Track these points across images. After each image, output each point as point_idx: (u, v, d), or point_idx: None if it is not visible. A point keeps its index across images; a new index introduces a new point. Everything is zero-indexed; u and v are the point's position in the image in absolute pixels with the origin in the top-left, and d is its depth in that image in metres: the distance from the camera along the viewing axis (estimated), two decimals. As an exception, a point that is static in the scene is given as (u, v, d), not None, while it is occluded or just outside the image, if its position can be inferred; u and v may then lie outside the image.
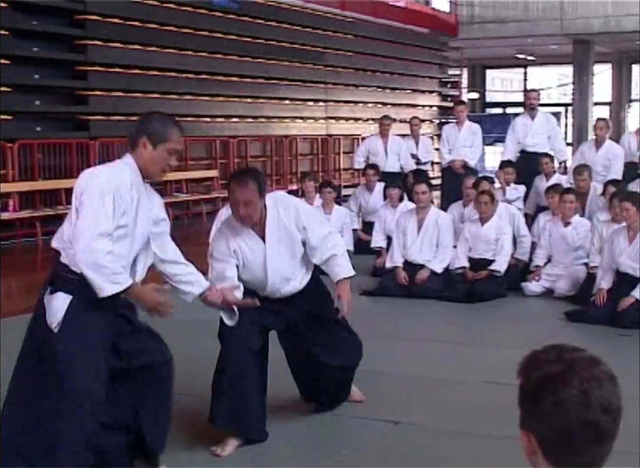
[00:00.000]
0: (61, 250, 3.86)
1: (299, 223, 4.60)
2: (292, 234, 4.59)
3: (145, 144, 3.89)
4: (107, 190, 3.71)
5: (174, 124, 3.97)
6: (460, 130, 12.33)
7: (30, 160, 13.25)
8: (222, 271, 4.50)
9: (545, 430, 1.68)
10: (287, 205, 4.63)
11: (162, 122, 3.95)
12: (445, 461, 4.34)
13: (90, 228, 3.66)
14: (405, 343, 6.86)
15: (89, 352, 3.78)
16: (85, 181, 3.78)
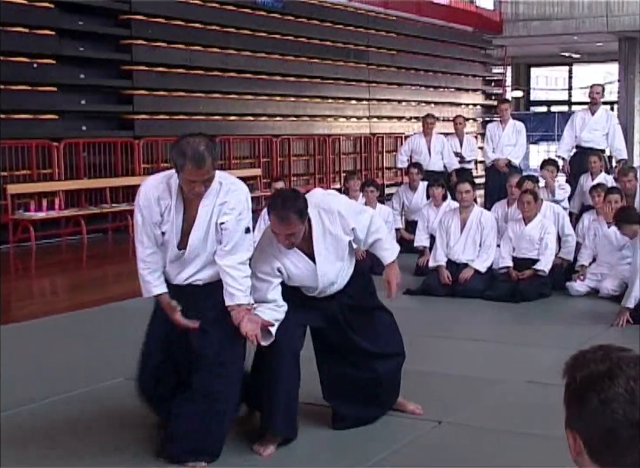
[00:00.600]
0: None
1: (347, 227, 4.52)
2: (340, 238, 4.51)
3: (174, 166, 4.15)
4: (138, 205, 4.28)
5: (188, 158, 4.01)
6: (504, 129, 12.26)
7: (76, 159, 13.40)
8: (265, 293, 4.38)
9: (591, 430, 1.67)
10: (331, 210, 4.49)
11: (178, 153, 4.06)
12: (489, 460, 4.32)
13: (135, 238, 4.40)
14: (449, 342, 6.84)
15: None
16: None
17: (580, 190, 10.63)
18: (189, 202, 4.22)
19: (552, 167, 10.44)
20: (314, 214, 4.43)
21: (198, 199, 4.17)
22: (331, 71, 19.17)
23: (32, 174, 12.69)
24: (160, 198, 4.21)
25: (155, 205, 4.21)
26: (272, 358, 4.45)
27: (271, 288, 4.41)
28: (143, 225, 4.29)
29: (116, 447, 4.50)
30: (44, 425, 4.87)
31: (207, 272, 4.31)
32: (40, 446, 4.54)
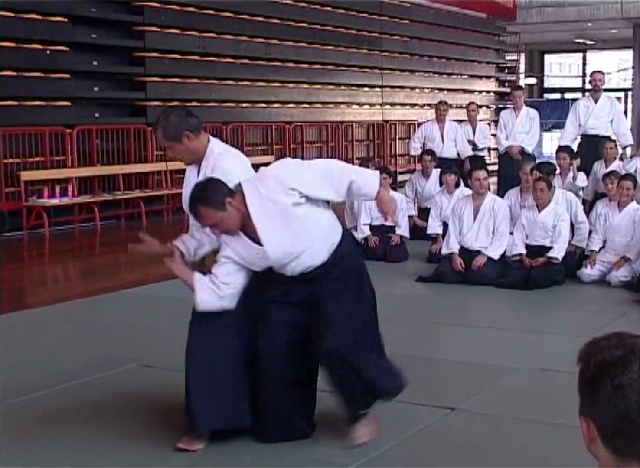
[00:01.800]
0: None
1: (284, 188, 4.18)
2: (279, 201, 4.18)
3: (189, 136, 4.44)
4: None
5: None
6: (517, 116, 12.20)
7: (89, 145, 13.42)
8: (221, 273, 4.31)
9: (605, 416, 1.66)
10: (265, 176, 4.28)
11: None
12: (502, 448, 4.32)
13: None
14: (461, 329, 6.83)
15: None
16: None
17: (594, 178, 10.58)
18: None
19: (566, 153, 10.40)
20: (247, 187, 4.24)
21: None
22: (344, 58, 19.12)
23: (45, 161, 12.71)
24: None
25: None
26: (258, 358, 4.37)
27: (227, 272, 4.31)
28: None
29: (130, 432, 4.52)
30: (57, 411, 4.88)
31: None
32: (53, 433, 4.56)
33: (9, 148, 12.20)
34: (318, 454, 4.28)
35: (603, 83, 11.86)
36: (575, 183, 10.13)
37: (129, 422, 4.66)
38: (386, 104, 20.82)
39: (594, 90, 11.74)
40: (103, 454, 4.27)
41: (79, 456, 4.26)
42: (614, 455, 1.66)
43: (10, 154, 12.23)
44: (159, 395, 5.03)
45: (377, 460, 4.17)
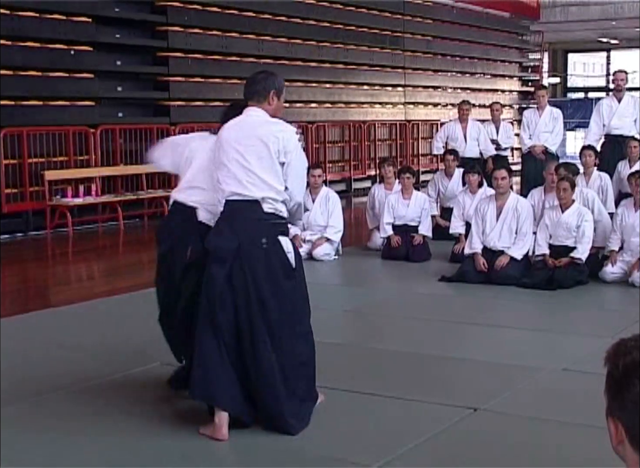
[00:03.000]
0: (264, 201, 4.41)
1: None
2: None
3: (273, 96, 4.60)
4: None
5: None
6: (540, 116, 12.16)
7: (113, 145, 13.48)
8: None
9: (633, 418, 1.65)
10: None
11: (281, 79, 4.72)
12: (525, 448, 4.31)
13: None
14: (484, 329, 6.81)
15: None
16: (292, 139, 4.50)
17: (618, 178, 10.52)
18: None
19: (591, 151, 10.33)
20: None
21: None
22: (367, 57, 19.11)
23: (69, 161, 12.78)
24: None
25: None
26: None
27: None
28: None
29: (153, 431, 4.53)
30: (81, 409, 4.90)
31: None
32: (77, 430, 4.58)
33: (33, 147, 12.27)
34: (339, 453, 4.28)
35: (626, 82, 11.79)
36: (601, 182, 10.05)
37: (153, 421, 4.68)
38: (409, 104, 20.79)
39: (617, 90, 11.68)
40: (128, 452, 4.29)
41: (103, 453, 4.28)
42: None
43: (35, 154, 12.30)
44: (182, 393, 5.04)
45: (399, 459, 4.17)
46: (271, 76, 4.70)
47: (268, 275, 4.38)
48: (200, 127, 14.85)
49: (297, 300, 4.53)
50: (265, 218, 4.40)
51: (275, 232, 4.43)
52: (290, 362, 4.46)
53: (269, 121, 4.54)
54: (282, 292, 4.42)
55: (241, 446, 4.38)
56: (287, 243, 4.48)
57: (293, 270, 4.48)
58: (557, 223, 8.50)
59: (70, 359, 5.94)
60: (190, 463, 4.22)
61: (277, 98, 4.61)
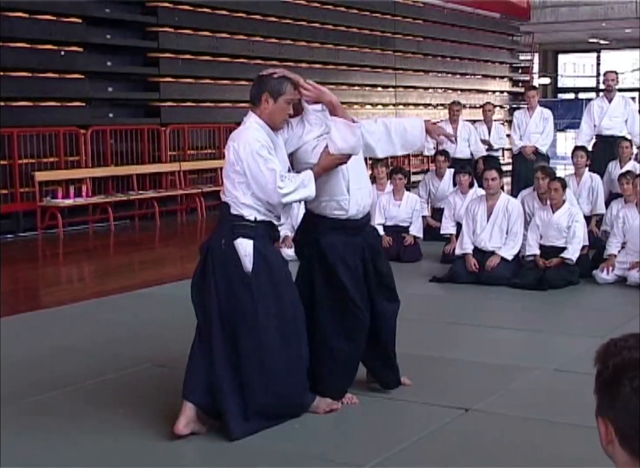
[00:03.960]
0: (232, 204, 4.47)
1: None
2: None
3: (267, 99, 4.54)
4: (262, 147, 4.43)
5: (286, 80, 4.61)
6: (531, 116, 12.18)
7: (103, 146, 13.46)
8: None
9: (623, 418, 1.65)
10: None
11: (277, 79, 4.61)
12: (516, 448, 4.31)
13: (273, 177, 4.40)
14: (475, 330, 6.82)
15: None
16: (243, 148, 4.42)
17: (609, 178, 10.55)
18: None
19: (583, 152, 10.35)
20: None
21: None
22: (357, 58, 19.12)
23: (60, 161, 12.75)
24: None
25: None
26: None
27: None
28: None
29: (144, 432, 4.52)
30: (72, 411, 4.90)
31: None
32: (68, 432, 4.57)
33: (24, 148, 12.25)
34: (330, 453, 4.28)
35: (616, 83, 11.82)
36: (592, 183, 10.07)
37: (143, 422, 4.67)
38: (399, 104, 20.80)
39: (607, 91, 11.71)
40: (117, 454, 4.29)
41: (92, 455, 4.27)
42: (632, 456, 1.66)
43: (25, 155, 12.28)
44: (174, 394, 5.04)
45: (391, 460, 4.17)
46: (265, 78, 4.63)
47: (223, 277, 4.43)
48: (191, 128, 14.88)
49: (250, 304, 4.44)
50: (230, 219, 4.46)
51: (236, 234, 4.42)
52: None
53: (240, 130, 4.58)
54: (235, 295, 4.43)
55: (232, 447, 4.38)
56: (245, 247, 4.41)
57: (246, 275, 4.42)
58: (548, 223, 8.51)
59: (61, 361, 5.93)
60: (182, 463, 4.21)
61: (273, 100, 4.54)
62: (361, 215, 4.82)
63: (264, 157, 4.39)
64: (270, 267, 4.47)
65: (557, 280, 8.22)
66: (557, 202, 8.49)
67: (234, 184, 4.45)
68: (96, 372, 5.57)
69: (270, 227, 4.55)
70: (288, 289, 4.56)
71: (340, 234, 4.73)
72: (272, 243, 4.60)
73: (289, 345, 4.51)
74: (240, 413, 4.44)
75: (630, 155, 10.71)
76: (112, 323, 7.03)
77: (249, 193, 4.43)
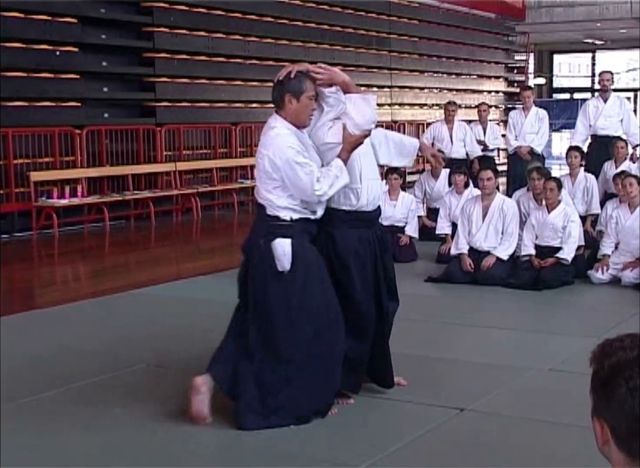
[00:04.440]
0: (267, 206, 4.62)
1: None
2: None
3: (290, 100, 4.61)
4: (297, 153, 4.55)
5: (304, 76, 4.66)
6: (526, 116, 12.18)
7: (98, 146, 13.44)
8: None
9: (619, 418, 1.65)
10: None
11: (296, 78, 4.64)
12: (511, 448, 4.31)
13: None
14: (471, 330, 6.82)
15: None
16: (279, 157, 4.53)
17: (604, 178, 10.56)
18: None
19: (577, 152, 10.36)
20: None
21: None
22: (353, 58, 19.11)
23: (55, 161, 12.73)
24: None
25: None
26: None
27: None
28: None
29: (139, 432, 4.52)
30: (67, 411, 4.89)
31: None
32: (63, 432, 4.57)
33: (19, 148, 12.23)
34: (326, 454, 4.28)
35: (612, 83, 11.83)
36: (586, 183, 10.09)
37: (138, 422, 4.67)
38: (395, 104, 20.80)
39: (602, 90, 11.72)
40: (112, 454, 4.28)
41: (87, 456, 4.27)
42: (628, 456, 1.66)
43: (20, 155, 12.26)
44: (169, 395, 5.04)
45: (386, 460, 4.17)
46: (284, 80, 4.67)
47: (260, 274, 4.60)
48: (187, 128, 14.87)
49: (283, 300, 4.57)
50: (267, 220, 4.62)
51: (274, 234, 4.57)
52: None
53: (270, 136, 4.66)
54: (269, 290, 4.58)
55: (225, 446, 4.38)
56: (283, 246, 4.55)
57: (281, 273, 4.55)
58: (543, 223, 8.52)
59: (56, 361, 5.92)
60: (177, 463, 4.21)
61: (296, 99, 4.62)
62: (372, 207, 4.89)
63: (300, 163, 4.51)
64: (306, 264, 4.60)
65: (552, 280, 8.22)
66: (553, 202, 8.50)
67: (269, 189, 4.60)
68: (91, 373, 5.57)
69: (307, 223, 4.67)
70: (322, 286, 4.66)
71: (354, 228, 4.81)
72: (309, 239, 4.70)
73: (319, 343, 4.60)
74: (256, 406, 4.52)
75: (625, 156, 10.72)
76: (107, 323, 7.02)
77: (284, 195, 4.58)
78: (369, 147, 4.86)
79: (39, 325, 7.00)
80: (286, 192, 4.57)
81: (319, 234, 4.79)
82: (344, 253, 4.78)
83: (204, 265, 9.60)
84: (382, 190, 5.09)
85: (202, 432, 4.49)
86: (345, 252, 4.78)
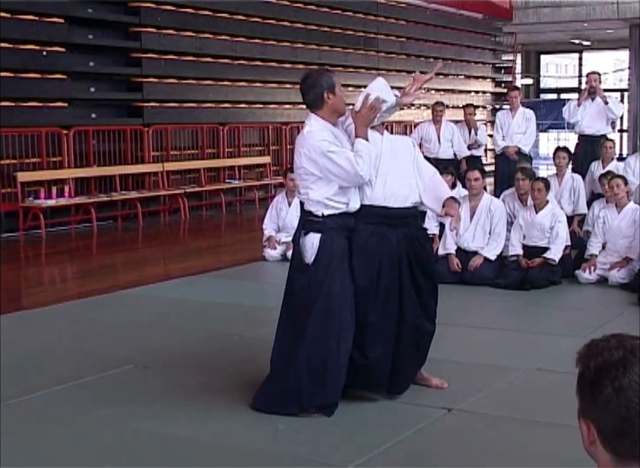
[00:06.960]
0: (305, 201, 4.88)
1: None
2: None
3: (328, 95, 4.91)
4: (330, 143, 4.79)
5: (324, 71, 5.16)
6: (514, 117, 12.21)
7: (86, 146, 13.41)
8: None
9: (605, 418, 1.66)
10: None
11: (322, 75, 5.04)
12: (499, 448, 4.32)
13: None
14: (458, 330, 6.83)
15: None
16: (314, 151, 4.75)
17: (591, 178, 10.59)
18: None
19: (565, 153, 10.39)
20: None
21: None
22: (341, 58, 19.11)
23: (42, 162, 12.70)
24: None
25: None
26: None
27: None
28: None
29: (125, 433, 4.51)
30: (55, 412, 4.88)
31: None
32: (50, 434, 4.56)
33: (6, 149, 12.19)
34: (313, 453, 4.28)
35: (599, 83, 11.86)
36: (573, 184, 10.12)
37: (126, 423, 4.66)
38: (383, 105, 20.77)
39: (590, 92, 11.74)
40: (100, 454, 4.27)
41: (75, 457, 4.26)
42: (614, 457, 1.67)
43: (7, 155, 12.23)
44: (157, 395, 5.04)
45: (375, 460, 4.17)
46: (315, 81, 4.95)
47: (293, 266, 4.93)
48: (174, 128, 14.85)
49: (306, 292, 4.76)
50: (305, 215, 4.88)
51: (307, 229, 4.82)
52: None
53: (304, 134, 4.87)
54: (296, 283, 4.86)
55: (214, 447, 4.37)
56: (312, 241, 4.77)
57: (306, 265, 4.78)
58: (531, 224, 8.54)
59: (43, 362, 5.91)
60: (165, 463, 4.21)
61: (333, 94, 4.93)
62: (392, 203, 4.93)
63: (335, 151, 4.73)
64: (330, 259, 4.76)
65: (539, 280, 8.25)
66: (540, 203, 8.52)
67: (307, 185, 4.81)
68: (79, 373, 5.55)
69: (340, 217, 4.82)
70: (341, 281, 4.75)
71: (370, 223, 4.89)
72: (343, 234, 4.83)
73: (330, 338, 4.71)
74: (265, 389, 4.82)
75: (613, 156, 10.75)
76: (94, 324, 7.01)
77: (323, 187, 4.76)
78: (402, 149, 5.16)
79: (27, 326, 6.98)
80: (328, 183, 4.75)
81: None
82: (350, 244, 4.86)
83: (192, 266, 9.60)
84: (413, 192, 5.03)
85: (192, 432, 4.49)
86: (351, 243, 4.86)
